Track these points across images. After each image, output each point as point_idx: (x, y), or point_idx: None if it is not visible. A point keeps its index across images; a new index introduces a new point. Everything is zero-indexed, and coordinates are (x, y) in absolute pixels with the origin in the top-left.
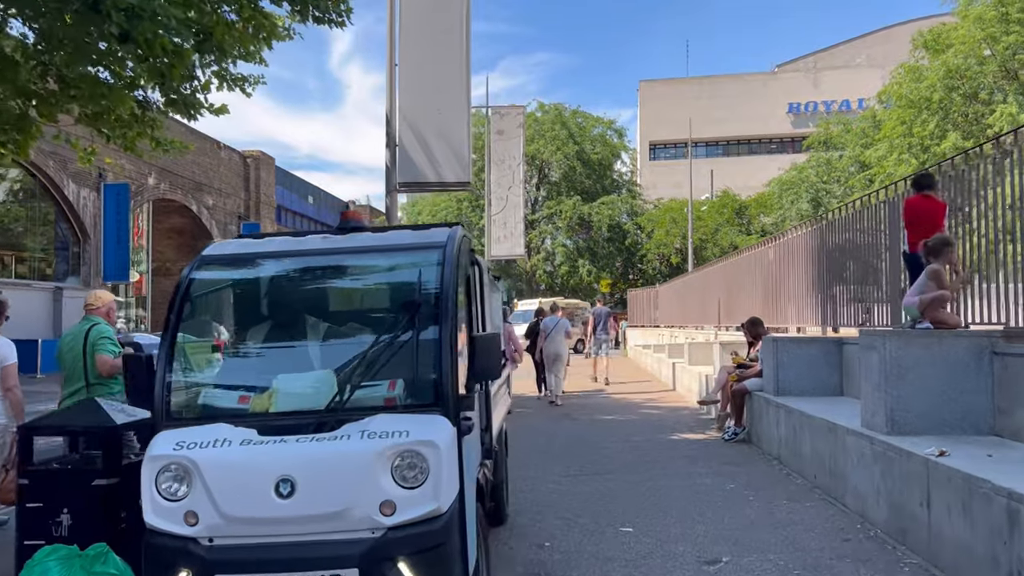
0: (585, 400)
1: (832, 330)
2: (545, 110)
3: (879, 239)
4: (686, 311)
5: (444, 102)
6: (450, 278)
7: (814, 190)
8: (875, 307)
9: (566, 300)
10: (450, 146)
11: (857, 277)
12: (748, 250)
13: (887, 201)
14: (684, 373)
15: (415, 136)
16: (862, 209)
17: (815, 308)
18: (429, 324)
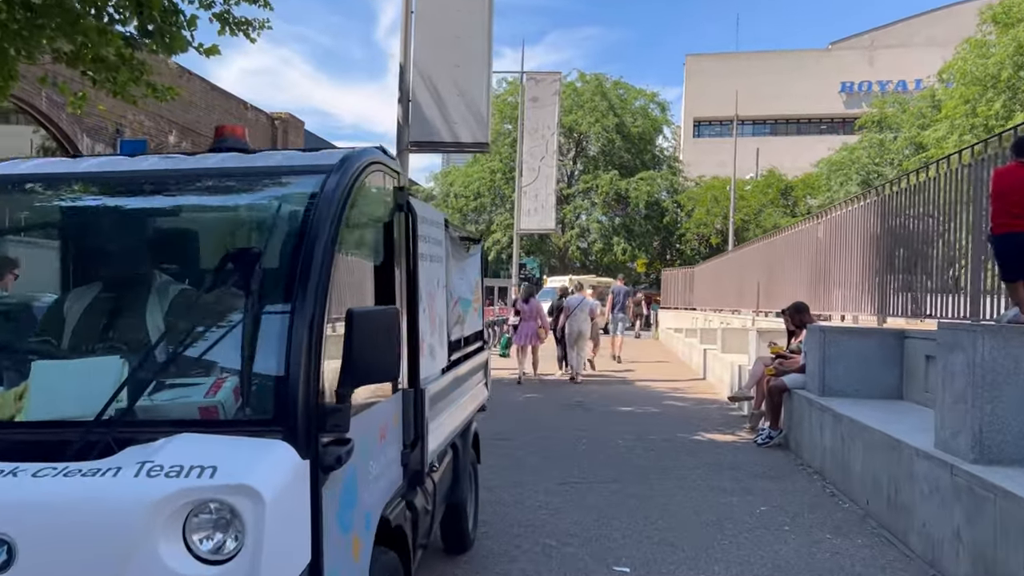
0: (604, 387)
1: (878, 320)
2: (585, 80)
3: (958, 213)
4: (722, 293)
5: (463, 56)
6: (325, 222)
7: (865, 172)
8: (951, 297)
9: (597, 279)
10: (467, 103)
11: (926, 260)
12: (794, 227)
13: (971, 164)
14: (716, 362)
15: (430, 91)
16: (936, 176)
17: (870, 294)
18: (277, 293)
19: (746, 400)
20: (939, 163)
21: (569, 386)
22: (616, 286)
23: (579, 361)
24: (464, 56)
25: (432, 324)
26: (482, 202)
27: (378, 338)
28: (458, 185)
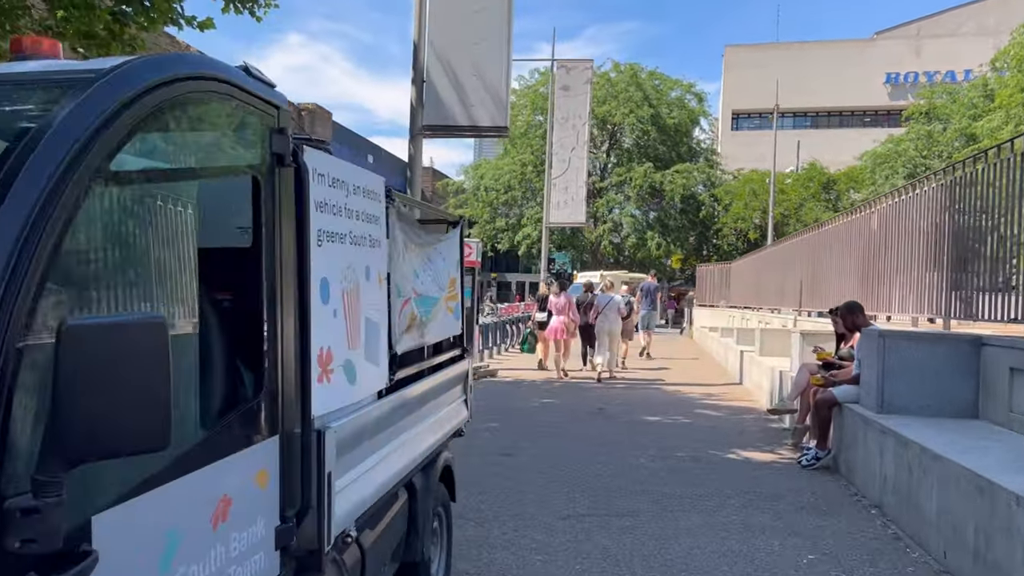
0: (630, 391)
1: (943, 323)
2: (620, 70)
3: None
4: (761, 291)
5: (481, 33)
6: (44, 167)
7: (911, 165)
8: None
9: (630, 274)
10: (486, 84)
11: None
12: (842, 218)
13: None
14: (753, 366)
15: (446, 72)
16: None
17: (936, 293)
18: None
19: (788, 413)
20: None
21: (592, 388)
22: (645, 283)
23: (611, 360)
24: (482, 33)
25: (351, 333)
26: (513, 195)
27: (120, 374)
28: (488, 178)
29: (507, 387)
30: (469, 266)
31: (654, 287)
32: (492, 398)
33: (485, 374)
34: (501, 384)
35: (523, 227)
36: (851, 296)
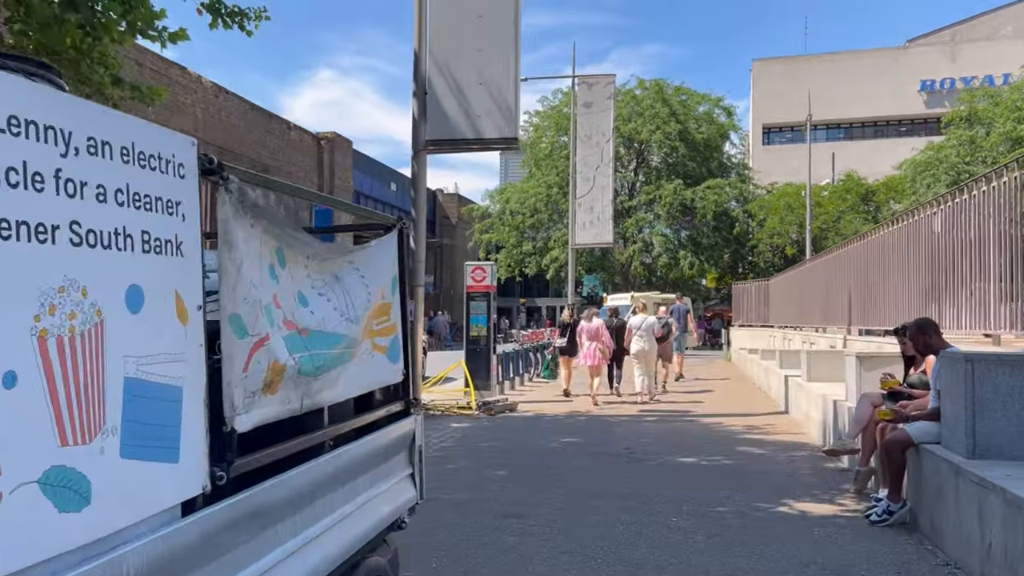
0: (662, 423)
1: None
2: (644, 87)
3: None
4: (804, 308)
5: (486, 38)
6: None
7: (955, 172)
8: None
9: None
10: (492, 93)
11: None
12: (897, 222)
13: None
14: (800, 392)
15: (448, 81)
16: None
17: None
18: None
19: (848, 454)
20: None
21: (620, 422)
22: (676, 304)
23: (648, 383)
24: (488, 38)
25: (73, 415)
26: (539, 218)
27: None
28: (514, 202)
29: (525, 423)
30: (483, 291)
31: (684, 309)
32: (506, 437)
33: (503, 408)
34: (519, 420)
35: (550, 250)
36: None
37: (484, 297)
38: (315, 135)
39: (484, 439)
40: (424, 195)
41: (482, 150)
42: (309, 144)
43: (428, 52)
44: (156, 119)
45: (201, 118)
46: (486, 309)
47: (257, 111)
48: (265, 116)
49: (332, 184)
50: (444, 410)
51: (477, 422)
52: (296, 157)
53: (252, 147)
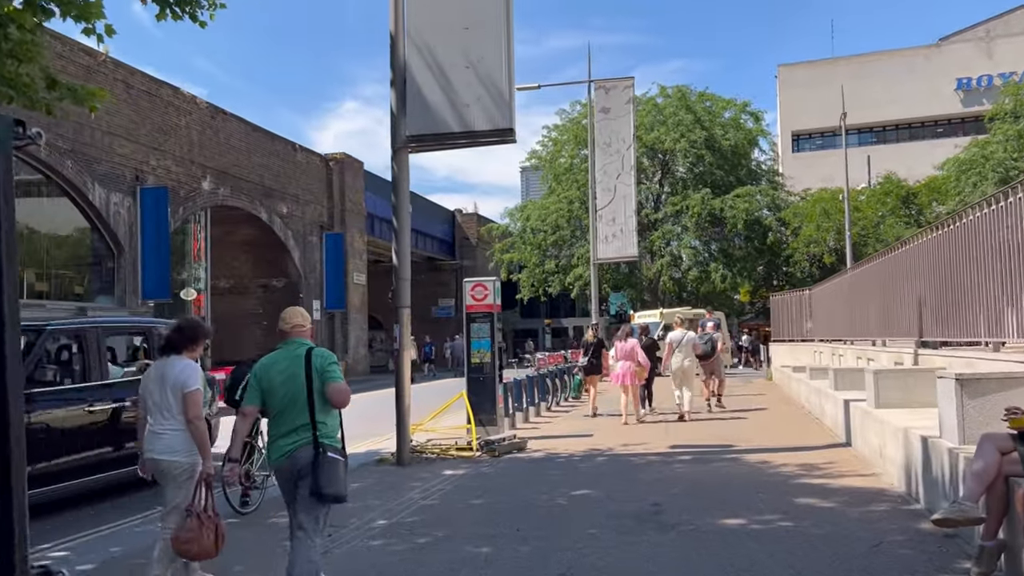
0: (701, 463)
1: None
2: (666, 94)
3: None
4: (857, 319)
5: (472, 14)
6: None
7: (1003, 169)
8: None
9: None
10: (481, 77)
11: None
12: (995, 202)
13: None
14: (868, 423)
15: (430, 66)
16: None
17: None
18: None
19: (973, 524)
20: None
21: (648, 464)
22: (704, 319)
23: (687, 401)
24: (474, 14)
25: None
26: (561, 235)
27: None
28: (534, 219)
29: (533, 468)
30: (485, 311)
31: (714, 324)
32: (505, 489)
33: (509, 448)
34: (526, 463)
35: (574, 267)
36: (993, 319)
37: (487, 318)
38: (323, 156)
39: (477, 493)
40: (406, 200)
41: (472, 145)
42: (317, 166)
43: (406, 32)
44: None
45: (197, 140)
46: (489, 332)
47: (259, 132)
48: (268, 137)
49: (343, 207)
50: (440, 452)
51: (475, 467)
52: (303, 180)
53: (255, 170)
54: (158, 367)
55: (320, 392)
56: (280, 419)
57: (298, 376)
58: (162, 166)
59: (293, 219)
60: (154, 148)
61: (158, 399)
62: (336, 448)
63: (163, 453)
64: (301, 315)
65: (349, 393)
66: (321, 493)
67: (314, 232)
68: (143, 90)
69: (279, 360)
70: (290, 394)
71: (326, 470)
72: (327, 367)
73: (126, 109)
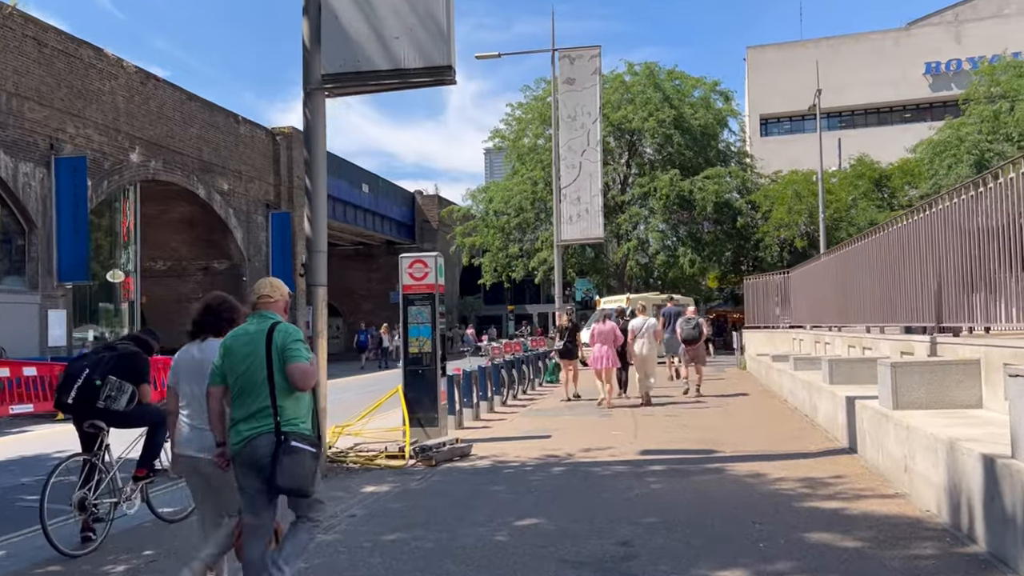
0: (679, 476)
1: None
2: (634, 72)
3: None
4: (847, 304)
5: None
6: None
7: (978, 151)
8: None
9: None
10: (414, 6)
11: None
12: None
13: None
14: (885, 428)
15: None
16: None
17: None
18: None
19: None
20: None
21: (617, 477)
22: (668, 307)
23: (646, 386)
24: None
25: None
26: (525, 218)
27: None
28: (497, 201)
29: (473, 484)
30: (425, 292)
31: (675, 312)
32: (433, 515)
33: (450, 454)
34: (467, 475)
35: (539, 252)
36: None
37: (426, 300)
38: (269, 130)
39: (394, 524)
40: (322, 155)
41: (402, 86)
42: (263, 140)
43: None
44: (62, 107)
45: (124, 108)
46: (430, 316)
47: (197, 101)
48: (207, 108)
49: (291, 184)
50: (364, 461)
51: (404, 481)
52: (247, 155)
53: (192, 143)
54: (192, 352)
55: (282, 372)
56: (240, 401)
57: (258, 354)
58: (82, 135)
59: (236, 196)
60: (72, 114)
61: (196, 389)
62: (301, 436)
63: (207, 451)
64: (270, 285)
65: (313, 375)
66: (278, 486)
67: (259, 211)
68: (59, 49)
69: (240, 335)
70: (249, 374)
71: (286, 460)
72: (289, 344)
73: (38, 70)
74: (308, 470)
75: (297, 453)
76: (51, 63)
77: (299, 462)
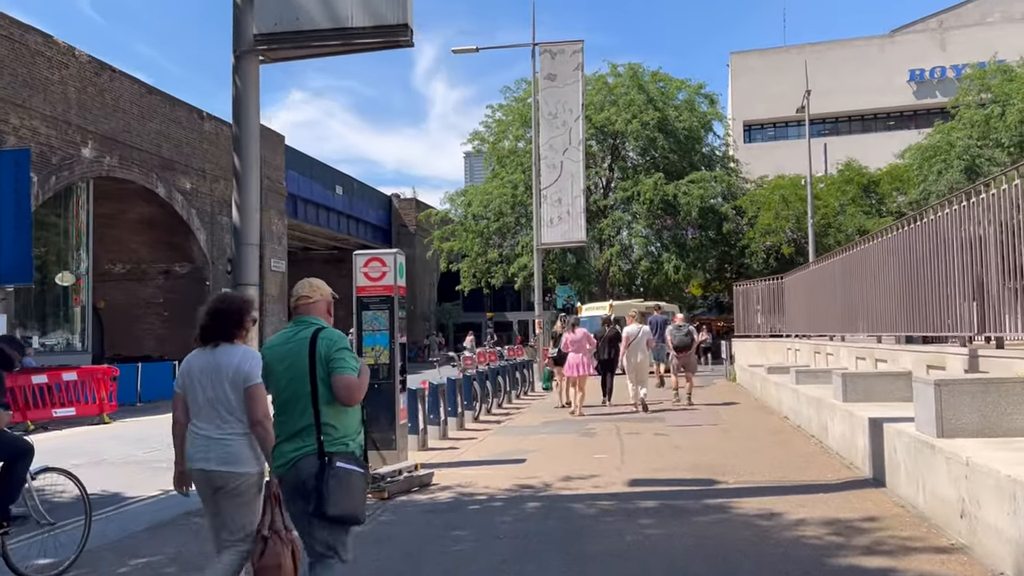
0: (674, 517)
1: None
2: (617, 73)
3: None
4: (853, 312)
5: None
6: None
7: (969, 156)
8: None
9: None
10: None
11: None
12: None
13: None
14: (932, 461)
15: None
16: None
17: None
18: None
19: None
20: None
21: (600, 522)
22: (654, 316)
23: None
24: None
25: None
26: (505, 222)
27: None
28: (476, 205)
29: (428, 524)
30: (382, 294)
31: (661, 320)
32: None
33: (406, 485)
34: (423, 513)
35: (519, 257)
36: None
37: (384, 304)
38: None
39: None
40: (254, 127)
41: (348, 48)
42: (227, 136)
43: None
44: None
45: (75, 99)
46: (388, 323)
47: (157, 95)
48: (167, 102)
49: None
50: None
51: None
52: (212, 152)
53: (150, 138)
54: (203, 357)
55: (327, 384)
56: (283, 418)
57: (300, 365)
58: (27, 126)
59: (199, 196)
60: (16, 104)
61: (211, 394)
62: (350, 455)
63: (225, 463)
64: (309, 286)
65: (362, 388)
66: (327, 514)
67: (224, 212)
68: (2, 35)
69: (278, 345)
70: (291, 387)
71: (333, 484)
72: (334, 353)
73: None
74: (358, 494)
75: (344, 476)
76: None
77: (348, 486)
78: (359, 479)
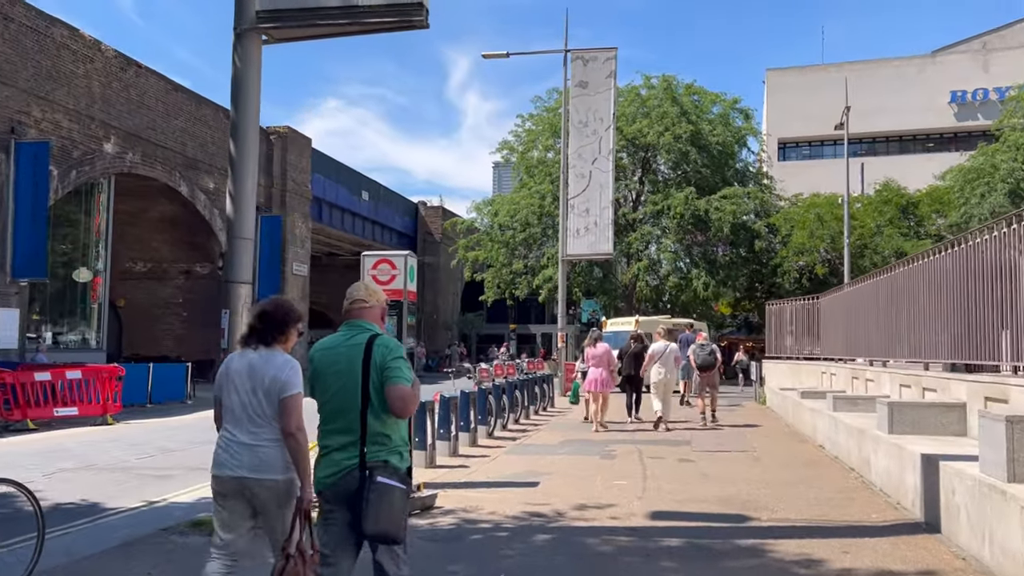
0: (702, 558)
1: None
2: (651, 85)
3: None
4: (899, 336)
5: None
6: None
7: (1014, 179)
8: None
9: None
10: None
11: None
12: None
13: None
14: (993, 506)
15: None
16: None
17: None
18: None
19: None
20: None
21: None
22: (685, 334)
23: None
24: None
25: None
26: (531, 233)
27: None
28: (503, 215)
29: (424, 556)
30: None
31: (691, 337)
32: None
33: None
34: (421, 540)
35: (544, 268)
36: None
37: (393, 309)
38: (263, 129)
39: None
40: (253, 111)
41: (359, 29)
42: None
43: None
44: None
45: (100, 94)
46: (396, 328)
47: (182, 93)
48: (193, 100)
49: (284, 187)
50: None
51: None
52: None
53: (175, 136)
54: (242, 361)
55: (379, 393)
56: (332, 427)
57: (353, 372)
58: (49, 119)
59: (222, 196)
60: (39, 96)
61: (246, 399)
62: (392, 470)
63: (257, 470)
64: (365, 289)
65: (415, 401)
66: (365, 532)
67: None
68: (27, 26)
69: (330, 349)
70: (343, 394)
71: (373, 499)
72: (390, 362)
73: (2, 46)
74: (398, 511)
75: (384, 491)
76: (18, 40)
77: (388, 501)
78: (401, 496)
